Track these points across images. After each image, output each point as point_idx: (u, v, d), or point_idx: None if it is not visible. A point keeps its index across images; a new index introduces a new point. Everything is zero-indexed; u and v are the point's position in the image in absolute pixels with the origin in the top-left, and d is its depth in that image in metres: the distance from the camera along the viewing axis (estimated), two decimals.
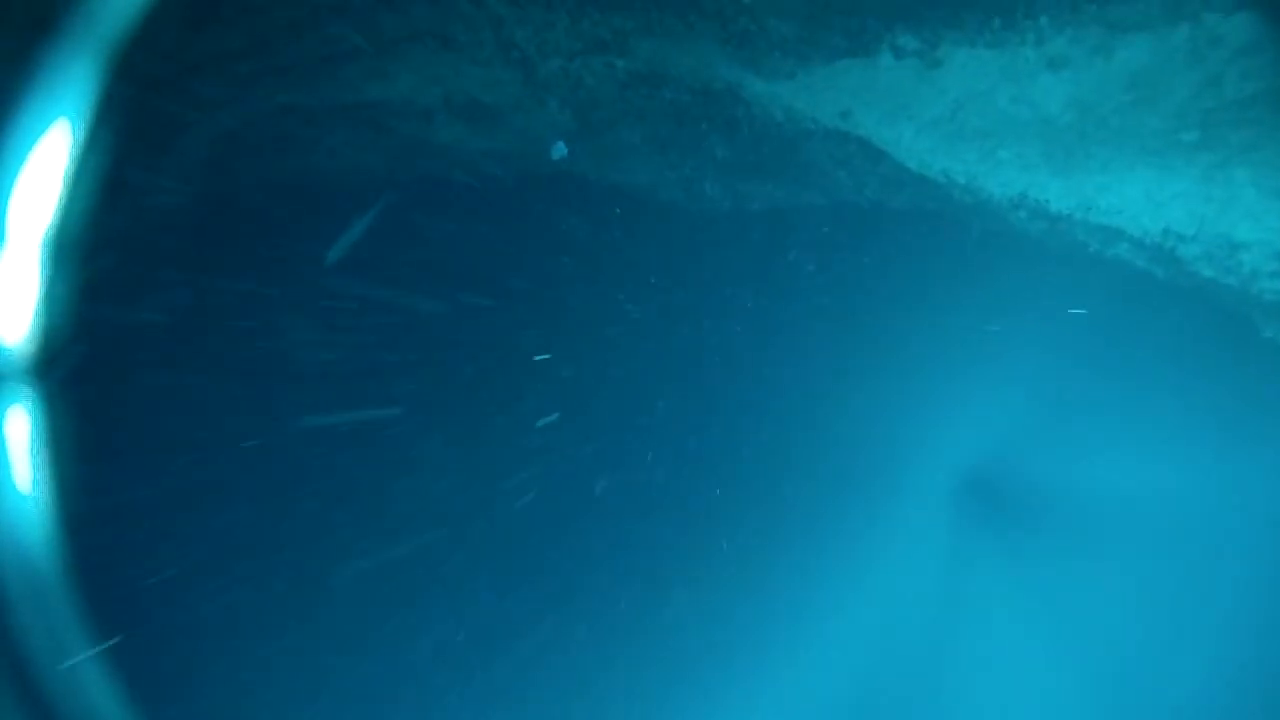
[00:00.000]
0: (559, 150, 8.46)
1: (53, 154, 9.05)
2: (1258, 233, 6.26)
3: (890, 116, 6.35)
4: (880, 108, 6.40)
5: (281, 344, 10.79)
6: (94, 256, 10.02)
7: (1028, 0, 5.82)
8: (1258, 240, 6.36)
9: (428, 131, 9.56)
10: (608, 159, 9.31)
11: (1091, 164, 5.85)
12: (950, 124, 6.10)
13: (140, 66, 8.95)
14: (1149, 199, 6.08)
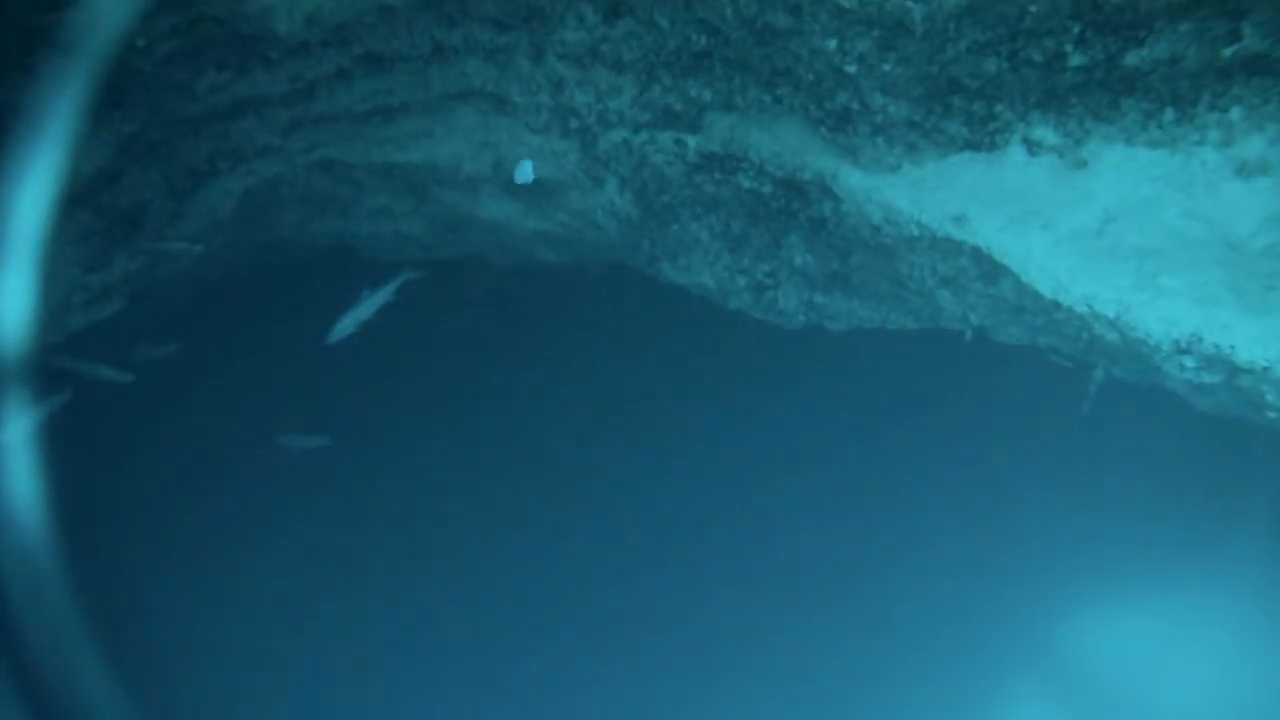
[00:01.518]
0: (524, 173, 7.28)
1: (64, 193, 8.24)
2: None
3: (1018, 225, 4.98)
4: (1005, 214, 5.04)
5: (267, 421, 9.85)
6: (106, 298, 9.18)
7: (1212, 87, 4.47)
8: None
9: (473, 204, 8.55)
10: (668, 253, 8.10)
11: None
12: (1098, 239, 4.70)
13: (172, 107, 8.22)
14: None
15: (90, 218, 8.43)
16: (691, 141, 6.93)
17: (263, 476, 10.21)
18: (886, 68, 4.99)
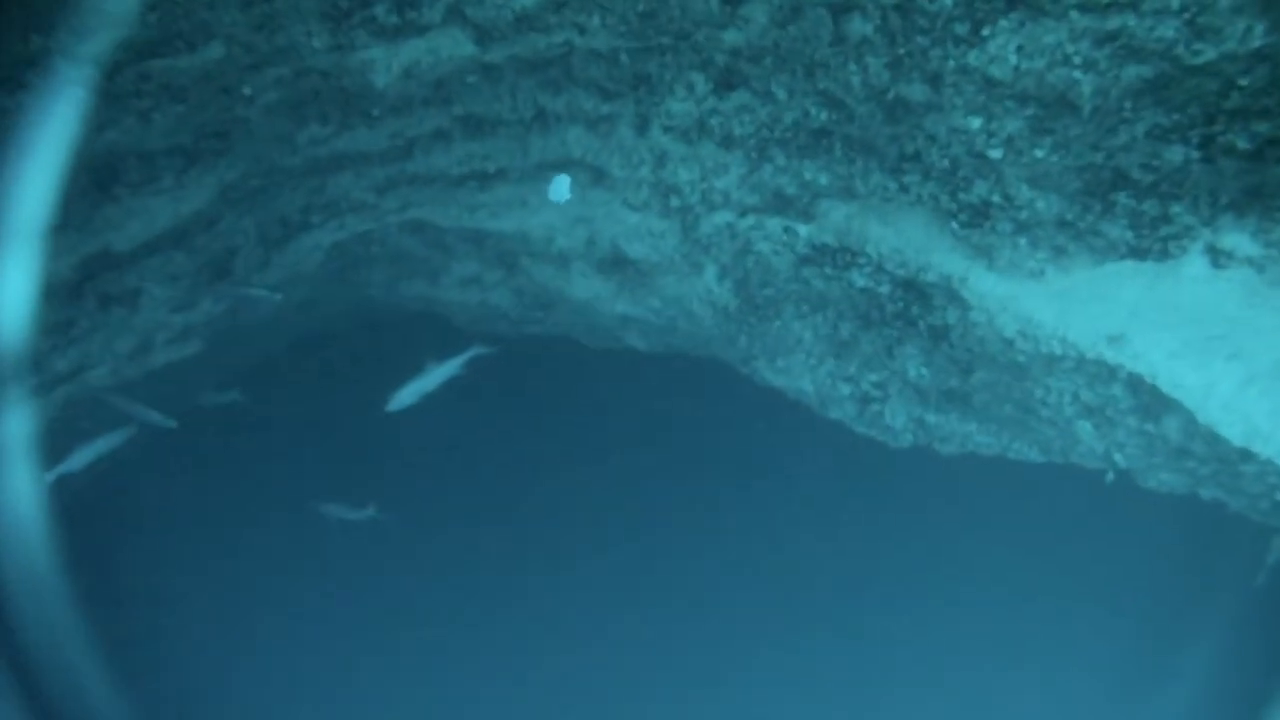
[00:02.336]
0: (559, 189, 6.99)
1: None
2: None
3: (1195, 353, 4.00)
4: (1178, 338, 4.07)
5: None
6: (186, 339, 8.97)
7: None
8: None
9: (562, 280, 7.98)
10: (767, 351, 7.30)
11: None
12: None
13: (272, 157, 8.05)
14: None
15: (184, 259, 8.24)
16: (802, 230, 6.19)
17: (295, 541, 9.72)
18: (1039, 154, 4.17)
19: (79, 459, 7.72)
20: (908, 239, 5.56)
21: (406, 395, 7.11)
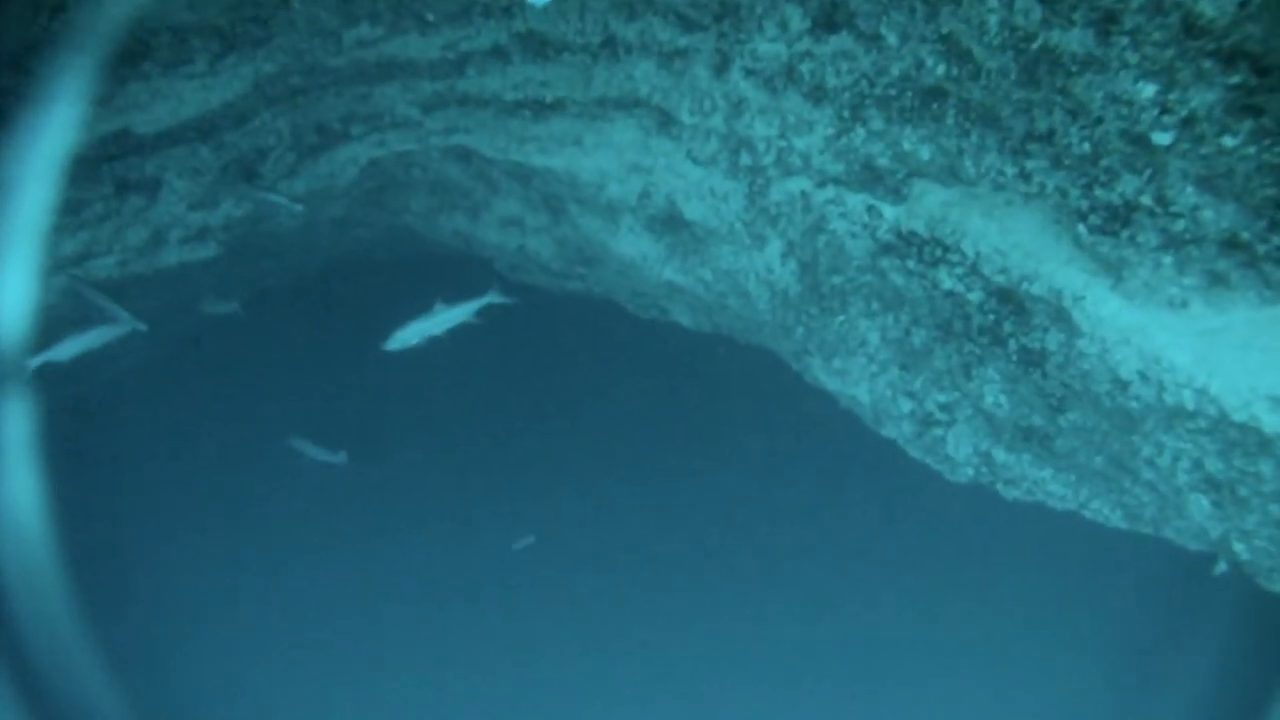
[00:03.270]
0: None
1: None
2: None
3: None
4: None
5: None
6: (202, 240, 8.25)
7: None
8: None
9: (608, 234, 7.02)
10: (824, 349, 6.27)
11: None
12: None
13: (316, 55, 7.22)
14: None
15: (209, 154, 7.47)
16: (889, 212, 5.13)
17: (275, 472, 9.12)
18: (1228, 142, 3.07)
19: (66, 349, 7.03)
20: (1016, 239, 4.48)
21: (407, 335, 6.26)
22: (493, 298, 6.49)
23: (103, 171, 7.47)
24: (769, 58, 5.10)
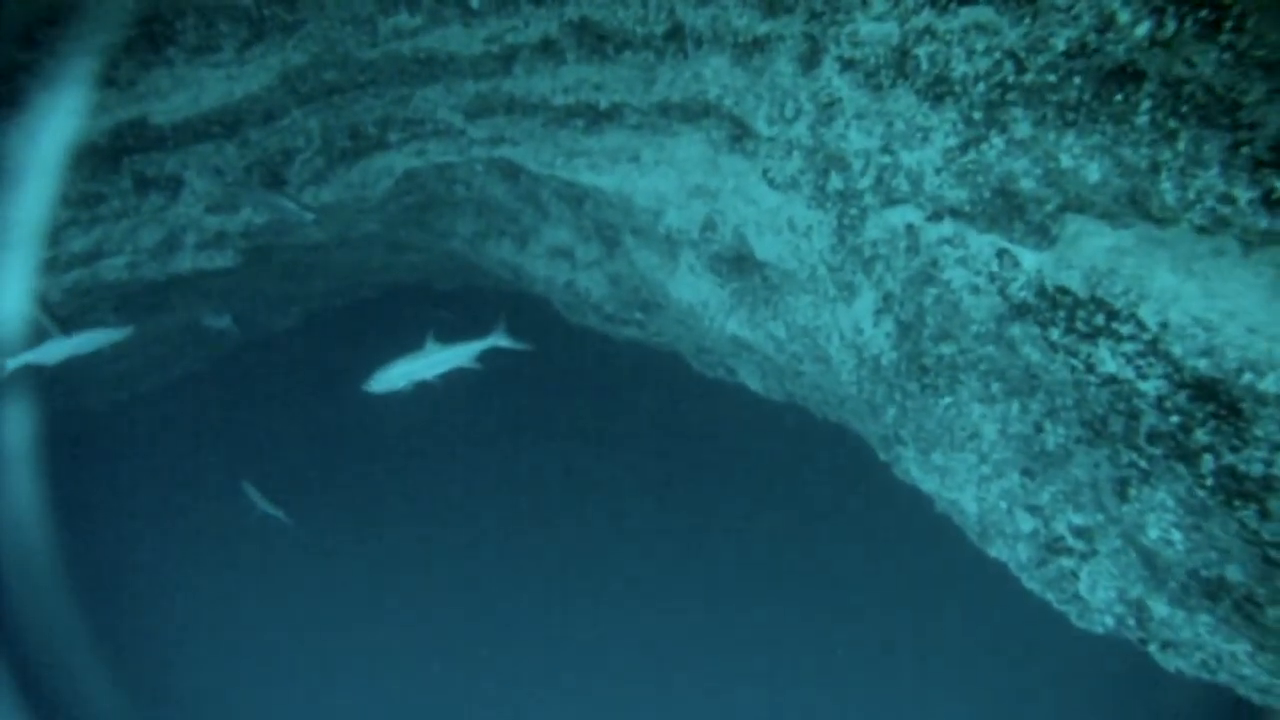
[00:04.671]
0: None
1: None
2: None
3: None
4: None
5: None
6: (218, 246, 7.29)
7: None
8: None
9: (665, 273, 5.64)
10: (921, 439, 4.68)
11: None
12: None
13: (348, 45, 6.17)
14: None
15: (233, 152, 6.48)
16: (1029, 260, 3.57)
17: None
18: None
19: (52, 351, 6.09)
20: (1234, 306, 2.85)
21: (392, 376, 5.02)
22: (497, 340, 5.18)
23: (123, 165, 6.56)
24: (874, 41, 3.66)
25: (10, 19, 5.92)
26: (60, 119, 5.75)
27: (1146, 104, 2.67)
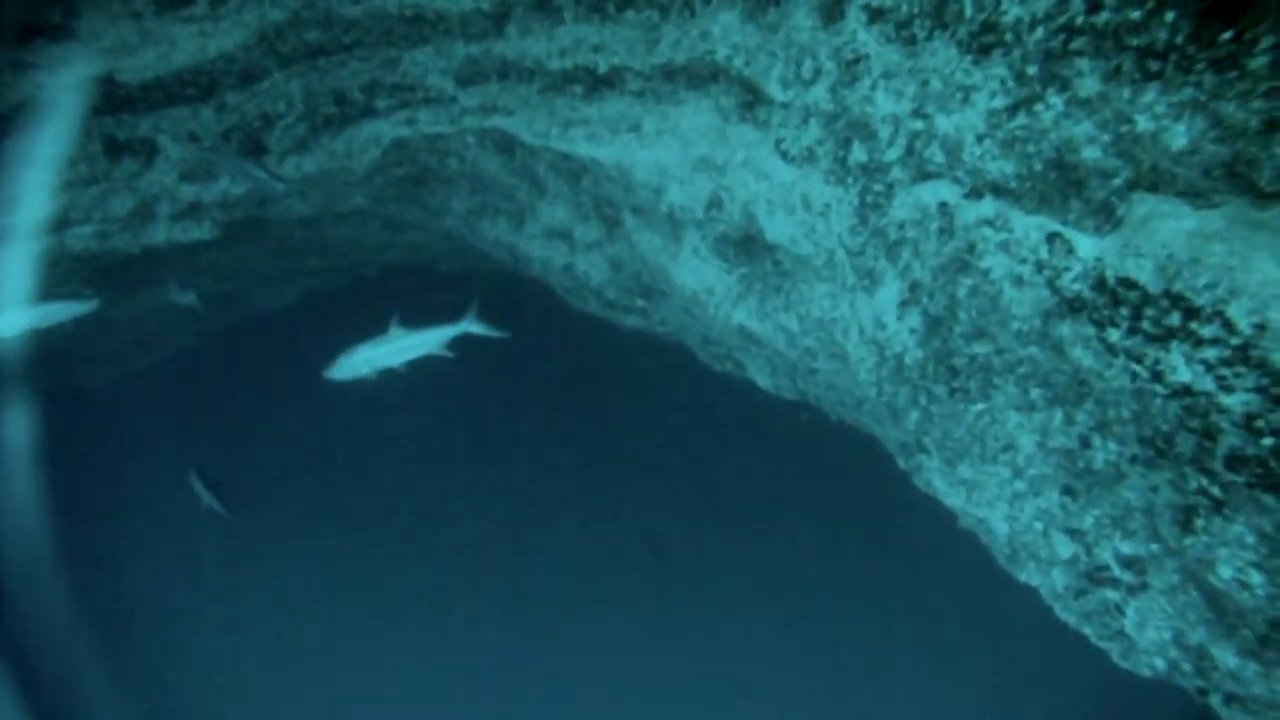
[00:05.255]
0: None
1: None
2: None
3: None
4: None
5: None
6: (195, 218, 6.79)
7: None
8: None
9: (668, 255, 5.06)
10: (947, 448, 4.09)
11: None
12: None
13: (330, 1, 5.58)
14: None
15: (210, 117, 5.94)
16: (1085, 247, 2.96)
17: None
18: None
19: (12, 322, 5.62)
20: None
21: (355, 363, 4.49)
22: (468, 326, 4.63)
23: (93, 128, 6.05)
24: None
25: None
26: (12, 76, 5.26)
27: (1269, 40, 2.05)
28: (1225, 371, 2.65)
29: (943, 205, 3.26)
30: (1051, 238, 3.04)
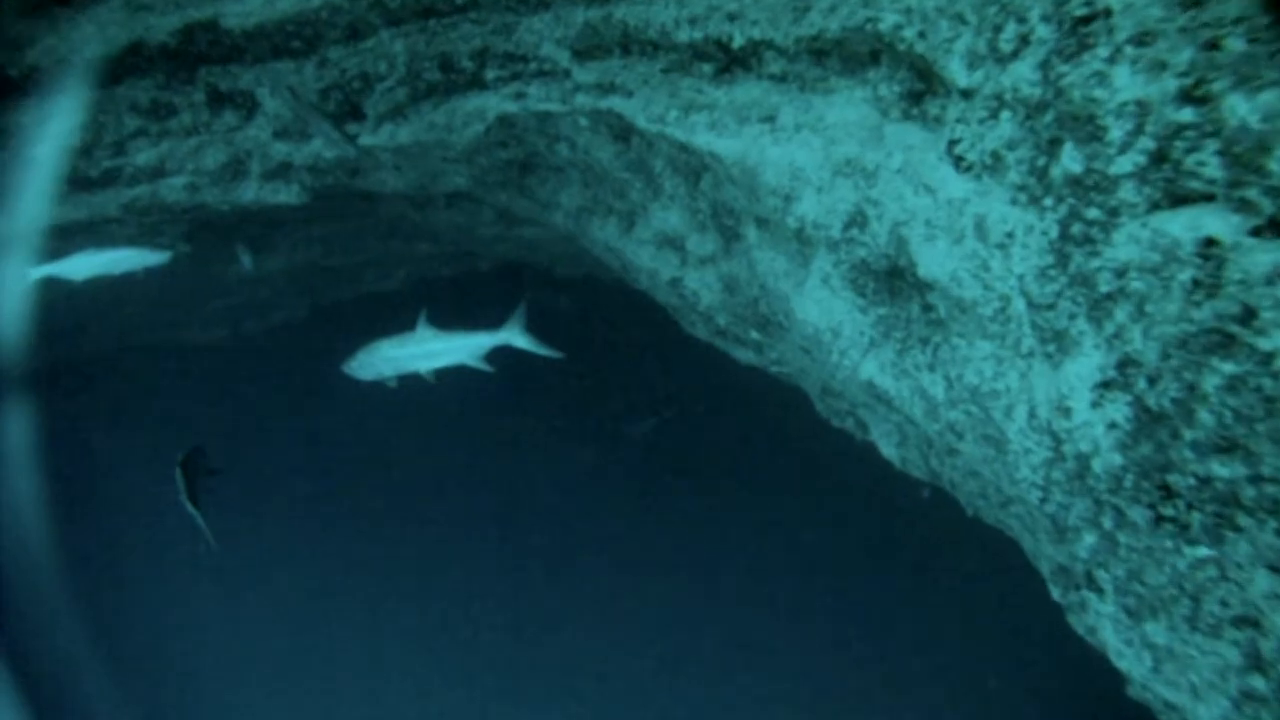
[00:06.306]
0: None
1: None
2: None
3: None
4: None
5: None
6: (284, 178, 6.29)
7: None
8: None
9: (792, 284, 4.02)
10: (1137, 601, 2.80)
11: None
12: None
13: None
14: None
15: (312, 73, 5.37)
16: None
17: None
18: None
19: (80, 265, 5.21)
20: None
21: (375, 362, 3.68)
22: (511, 338, 3.74)
23: (198, 75, 5.60)
24: None
25: None
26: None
27: None
28: None
29: (1206, 244, 2.08)
30: None
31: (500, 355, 4.62)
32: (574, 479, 9.85)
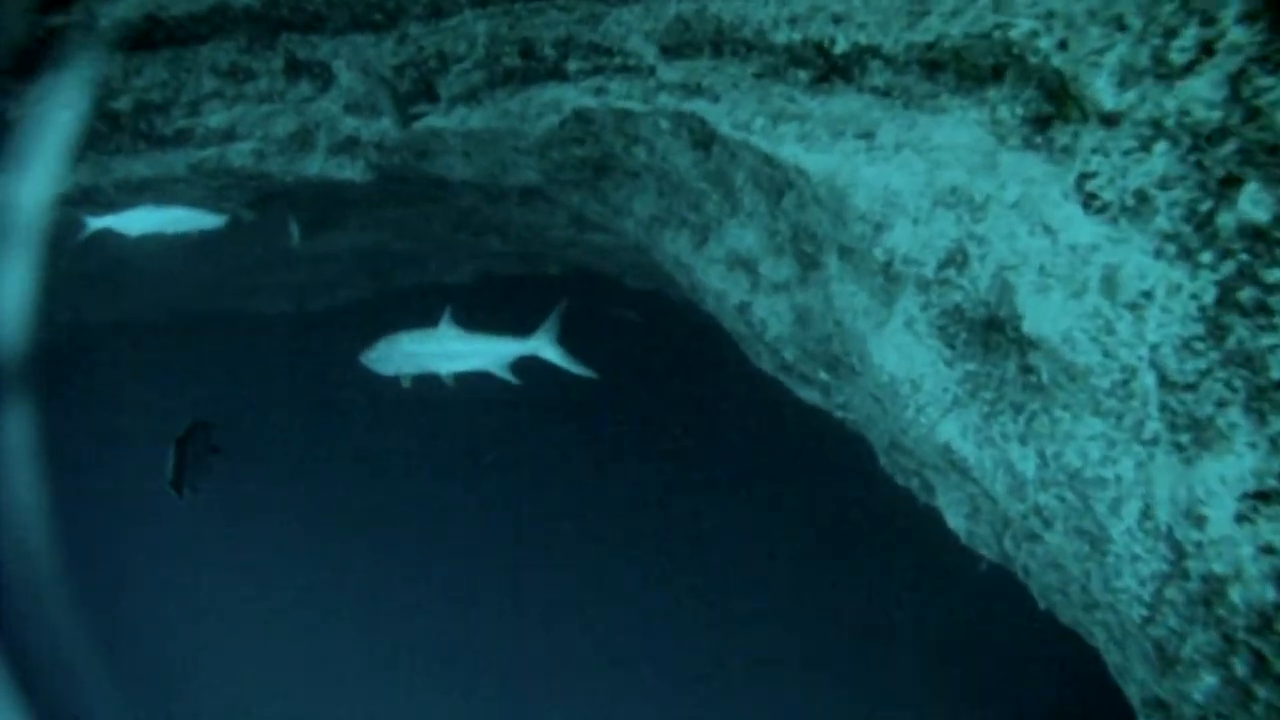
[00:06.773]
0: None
1: None
2: None
3: None
4: None
5: None
6: (351, 154, 6.07)
7: None
8: None
9: (871, 322, 3.51)
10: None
11: None
12: None
13: None
14: None
15: (390, 49, 5.13)
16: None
17: None
18: None
19: (136, 221, 5.06)
20: None
21: (393, 355, 3.34)
22: (540, 348, 3.34)
23: (279, 41, 5.42)
24: None
25: None
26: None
27: None
28: None
29: None
30: None
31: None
32: (612, 503, 9.50)
